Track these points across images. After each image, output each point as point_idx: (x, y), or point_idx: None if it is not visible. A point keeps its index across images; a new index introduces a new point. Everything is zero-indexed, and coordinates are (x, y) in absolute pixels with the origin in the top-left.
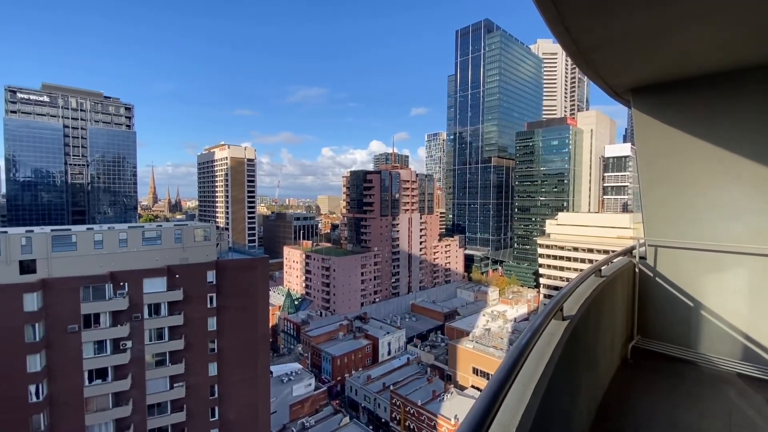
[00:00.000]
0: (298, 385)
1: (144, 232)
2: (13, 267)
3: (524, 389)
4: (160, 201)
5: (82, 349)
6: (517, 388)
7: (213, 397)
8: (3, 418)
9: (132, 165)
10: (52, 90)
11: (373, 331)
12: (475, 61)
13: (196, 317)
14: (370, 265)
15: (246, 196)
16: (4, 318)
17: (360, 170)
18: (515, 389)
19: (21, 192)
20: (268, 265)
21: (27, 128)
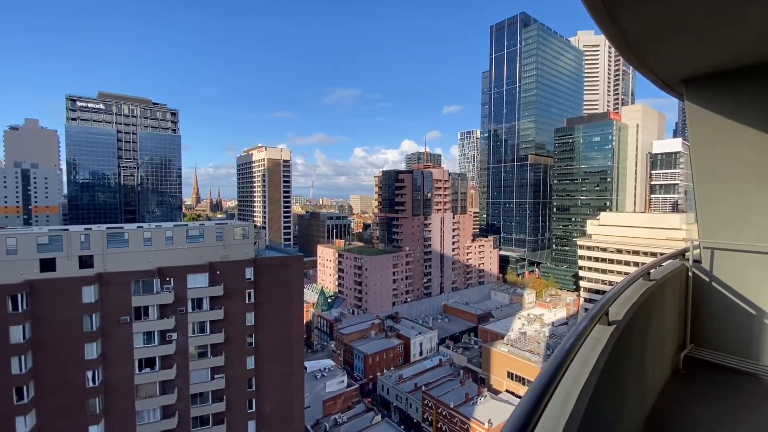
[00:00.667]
0: (331, 382)
1: (188, 231)
2: (74, 262)
3: (568, 395)
4: (203, 201)
5: (132, 339)
6: (561, 395)
7: (250, 389)
8: (64, 401)
9: (177, 167)
10: (107, 98)
11: (404, 331)
12: (510, 56)
13: (235, 312)
14: (401, 264)
15: (282, 195)
16: (66, 308)
17: (392, 170)
18: (558, 395)
19: (80, 193)
20: (302, 263)
21: (85, 134)
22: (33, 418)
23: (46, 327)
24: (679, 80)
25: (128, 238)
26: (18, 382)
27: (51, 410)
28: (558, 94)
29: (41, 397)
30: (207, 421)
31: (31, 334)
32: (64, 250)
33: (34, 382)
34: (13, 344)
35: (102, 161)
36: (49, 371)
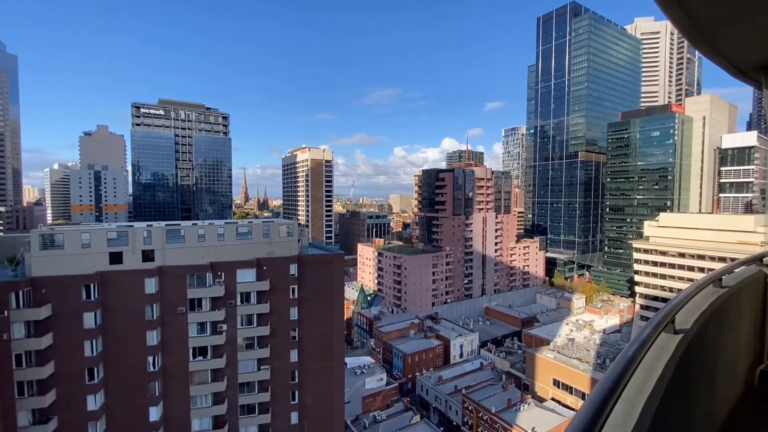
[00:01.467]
0: (371, 379)
1: (237, 228)
2: (138, 255)
3: (631, 406)
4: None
5: (187, 328)
6: (624, 405)
7: (294, 381)
8: (128, 384)
9: (228, 168)
10: (166, 104)
11: (444, 332)
12: (559, 48)
13: (280, 306)
14: (441, 264)
15: (324, 195)
16: (131, 298)
17: (432, 168)
18: (621, 405)
19: (143, 192)
20: (343, 260)
21: (148, 138)
22: (102, 397)
23: (114, 315)
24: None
25: (184, 235)
26: (90, 363)
27: (117, 391)
28: (612, 87)
29: (109, 378)
30: (253, 410)
31: (101, 321)
32: (130, 244)
33: (103, 364)
34: (86, 329)
35: (162, 163)
36: (116, 355)
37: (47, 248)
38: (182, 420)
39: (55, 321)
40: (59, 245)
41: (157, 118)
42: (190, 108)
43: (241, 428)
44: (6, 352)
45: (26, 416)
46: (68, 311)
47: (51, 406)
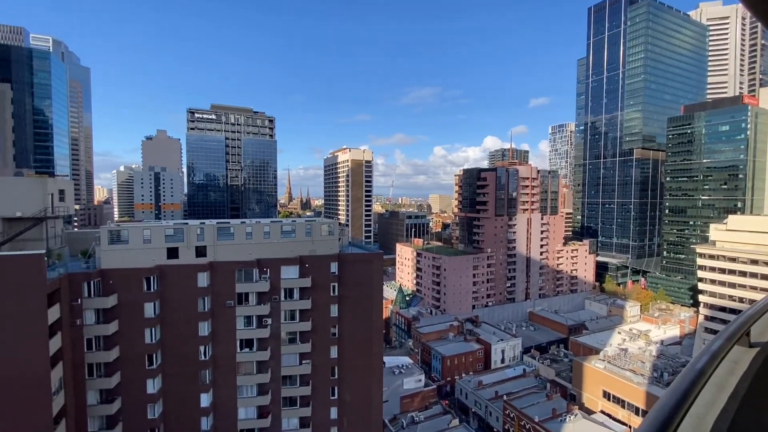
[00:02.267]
0: (409, 379)
1: (282, 227)
2: (192, 251)
3: (700, 421)
4: (294, 199)
5: (235, 321)
6: (692, 420)
7: (333, 377)
8: (182, 370)
9: (273, 169)
10: (217, 109)
11: (485, 336)
12: (612, 39)
13: (321, 303)
14: (482, 266)
15: (363, 195)
16: (185, 291)
17: (473, 168)
18: (689, 421)
19: (197, 192)
20: (382, 260)
21: (201, 141)
22: (159, 382)
23: (170, 305)
24: None
25: (234, 232)
26: (149, 350)
27: (172, 377)
28: (672, 79)
29: (165, 364)
30: (295, 402)
31: (159, 311)
32: (185, 241)
33: (160, 351)
34: (146, 318)
35: (213, 165)
36: (172, 343)
37: (114, 243)
38: (230, 408)
39: (120, 309)
40: (124, 240)
41: (209, 122)
42: (239, 112)
43: (284, 419)
44: (79, 336)
45: (94, 395)
46: (131, 301)
47: (116, 388)
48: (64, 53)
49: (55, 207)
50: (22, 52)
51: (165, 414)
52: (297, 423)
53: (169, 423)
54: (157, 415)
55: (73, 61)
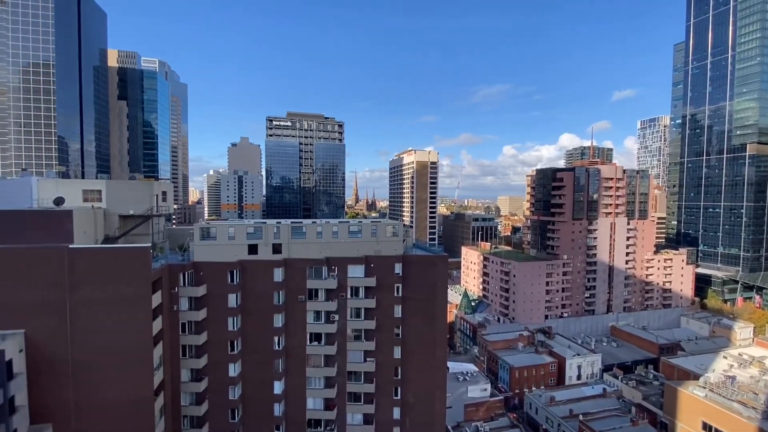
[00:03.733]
0: (474, 387)
1: (349, 227)
2: (269, 248)
3: None
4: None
5: (306, 315)
6: None
7: (396, 377)
8: (258, 358)
9: (342, 171)
10: (293, 116)
11: (558, 349)
12: (719, 18)
13: (385, 303)
14: (557, 274)
15: (428, 196)
16: (263, 284)
17: (547, 168)
18: None
19: (274, 194)
20: (447, 263)
21: (278, 147)
22: (239, 366)
23: (250, 297)
24: None
25: (306, 231)
26: (231, 336)
27: (250, 363)
28: None
29: (244, 351)
30: (359, 399)
31: (240, 302)
32: (263, 238)
33: (240, 339)
34: (229, 308)
35: (289, 168)
36: (250, 332)
37: (204, 239)
38: (299, 397)
39: (209, 299)
40: (213, 237)
41: (285, 128)
42: (311, 118)
43: (348, 414)
44: (175, 320)
45: (186, 374)
46: (218, 291)
47: (204, 368)
48: (167, 72)
49: (159, 206)
50: (135, 74)
51: (243, 396)
52: (361, 419)
53: (246, 405)
54: (236, 396)
55: (174, 79)
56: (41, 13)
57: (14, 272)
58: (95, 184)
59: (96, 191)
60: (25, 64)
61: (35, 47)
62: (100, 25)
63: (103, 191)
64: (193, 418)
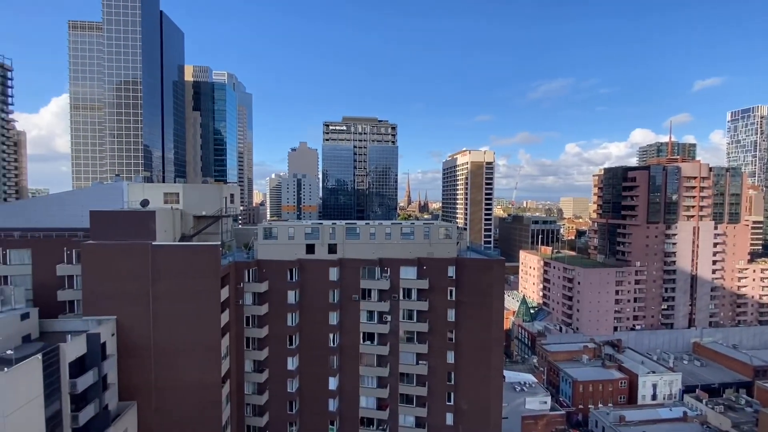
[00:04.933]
0: (532, 399)
1: (402, 228)
2: (325, 248)
3: None
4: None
5: (359, 314)
6: None
7: (450, 383)
8: (315, 353)
9: (394, 173)
10: (348, 121)
11: (629, 364)
12: None
13: (438, 306)
14: (628, 282)
15: (483, 198)
16: (319, 283)
17: (617, 166)
18: None
19: (329, 196)
20: (504, 267)
21: (333, 150)
22: (297, 361)
23: (307, 295)
24: None
25: (359, 232)
26: (290, 332)
27: (307, 358)
28: None
29: (302, 346)
30: (411, 401)
31: (299, 299)
32: (320, 238)
33: (298, 334)
34: (288, 304)
35: (343, 171)
36: (307, 328)
37: (267, 238)
38: (353, 394)
39: (270, 295)
40: (274, 236)
41: (340, 132)
42: (365, 122)
43: (401, 415)
44: (241, 314)
45: (249, 365)
46: (278, 288)
47: (264, 360)
48: (234, 84)
49: (227, 208)
50: (207, 86)
51: (300, 390)
52: (413, 421)
53: (303, 398)
54: (294, 389)
55: (240, 89)
56: (130, 36)
57: (108, 265)
58: (174, 187)
59: (174, 194)
60: (118, 82)
61: (125, 67)
62: (179, 44)
63: (181, 194)
64: (255, 406)
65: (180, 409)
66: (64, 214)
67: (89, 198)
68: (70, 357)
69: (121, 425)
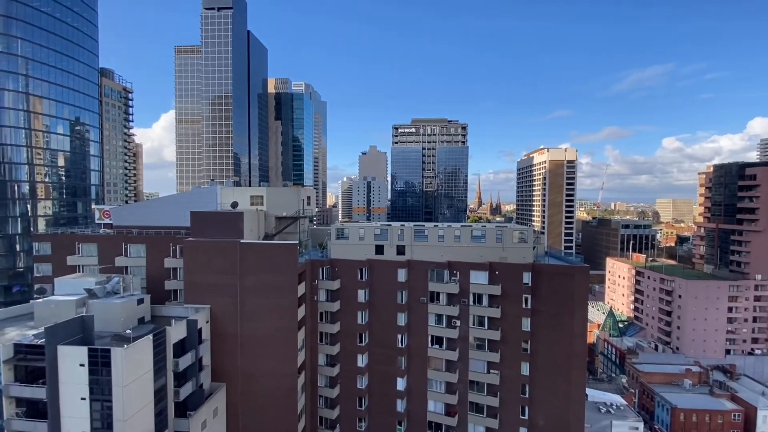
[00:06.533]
0: (620, 423)
1: (472, 231)
2: (393, 249)
3: None
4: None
5: (427, 317)
6: None
7: (524, 395)
8: (383, 352)
9: (464, 174)
10: (417, 123)
11: (746, 395)
12: None
13: (511, 314)
14: (745, 298)
15: (564, 199)
16: (388, 283)
17: (731, 162)
18: None
19: (397, 198)
20: (587, 275)
21: (402, 153)
22: (366, 358)
23: (376, 294)
24: None
25: (428, 234)
26: (360, 329)
27: (375, 356)
28: None
29: (371, 344)
30: (482, 410)
31: (368, 297)
32: (389, 240)
33: (368, 332)
34: (359, 302)
35: (411, 173)
36: (376, 327)
37: (339, 238)
38: (420, 397)
39: (342, 292)
40: (346, 237)
41: (409, 135)
42: (434, 123)
43: (470, 424)
44: (315, 309)
45: (323, 358)
46: (349, 286)
47: (336, 355)
48: (311, 93)
49: (304, 209)
50: (287, 97)
51: (369, 387)
52: (483, 431)
53: (372, 396)
54: (363, 386)
55: (317, 98)
56: (223, 56)
57: (204, 259)
58: (259, 191)
59: (259, 197)
60: (212, 98)
61: (218, 83)
62: (263, 60)
63: (264, 197)
64: (327, 399)
65: (262, 394)
66: (171, 214)
67: (190, 200)
68: (173, 339)
69: (213, 403)
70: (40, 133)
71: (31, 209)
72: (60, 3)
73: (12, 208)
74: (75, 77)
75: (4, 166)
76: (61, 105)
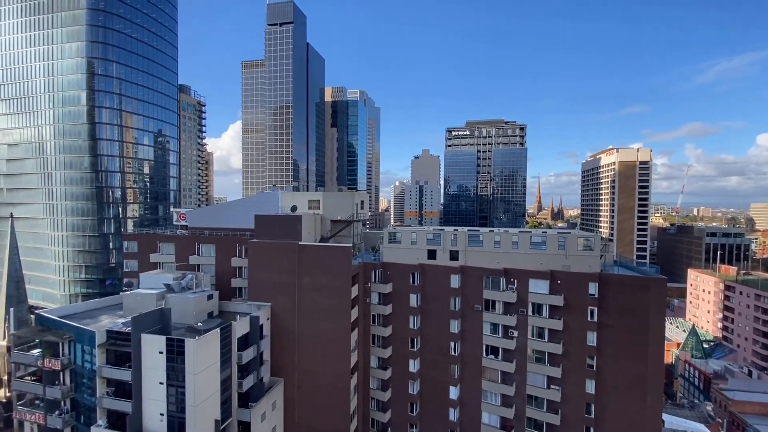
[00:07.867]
0: None
1: (531, 237)
2: (446, 254)
3: None
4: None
5: (482, 326)
6: None
7: (588, 415)
8: (435, 359)
9: (522, 177)
10: (471, 125)
11: None
12: None
13: (575, 327)
14: None
15: (636, 203)
16: (441, 289)
17: None
18: None
19: (451, 202)
20: (665, 287)
21: (455, 156)
22: (417, 364)
23: (428, 299)
24: None
25: (483, 240)
26: (412, 334)
27: (427, 362)
28: None
29: (423, 350)
30: (540, 427)
31: (420, 302)
32: (441, 244)
33: (420, 337)
34: (411, 306)
35: (465, 177)
36: (428, 333)
37: (391, 242)
38: (474, 408)
39: (394, 296)
40: (398, 241)
41: (463, 138)
42: (490, 125)
43: None
44: (368, 311)
45: (374, 361)
46: (401, 290)
47: (388, 359)
48: (365, 100)
49: (358, 213)
50: (343, 105)
51: (421, 393)
52: None
53: (423, 402)
54: (415, 391)
55: (371, 105)
56: (284, 68)
57: (267, 259)
58: (316, 195)
59: (316, 201)
60: (274, 108)
61: (280, 94)
62: (321, 70)
63: (321, 201)
64: (379, 401)
65: (317, 392)
66: (238, 217)
67: (254, 204)
68: (238, 333)
69: (272, 396)
70: (130, 144)
71: (122, 212)
72: (147, 29)
73: (107, 210)
74: (159, 94)
75: (101, 174)
76: (147, 119)
